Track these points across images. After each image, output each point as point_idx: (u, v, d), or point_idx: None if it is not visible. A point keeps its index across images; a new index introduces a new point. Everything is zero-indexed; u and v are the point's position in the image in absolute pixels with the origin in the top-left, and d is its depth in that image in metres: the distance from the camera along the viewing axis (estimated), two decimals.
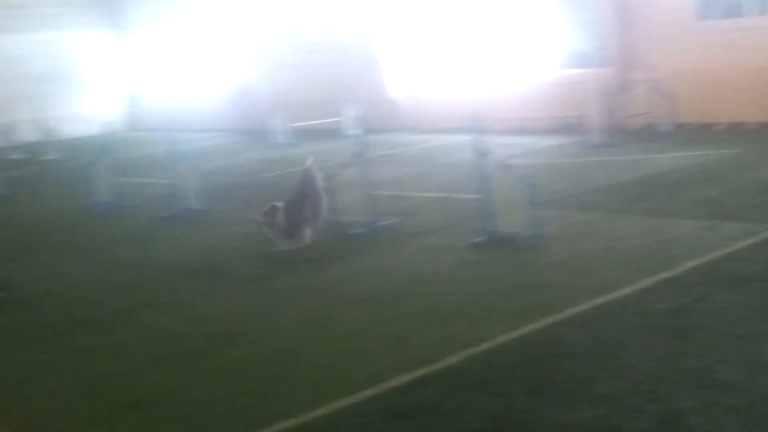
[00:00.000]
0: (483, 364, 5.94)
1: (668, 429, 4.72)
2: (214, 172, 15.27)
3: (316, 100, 21.67)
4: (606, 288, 7.23)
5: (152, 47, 27.87)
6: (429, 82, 21.24)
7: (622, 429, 4.74)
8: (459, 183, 12.43)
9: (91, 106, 26.91)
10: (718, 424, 4.69)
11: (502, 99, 18.81)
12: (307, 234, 9.82)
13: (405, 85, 21.56)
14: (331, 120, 20.05)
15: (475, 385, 5.56)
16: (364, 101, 19.73)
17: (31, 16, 26.66)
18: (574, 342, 6.14)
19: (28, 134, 22.93)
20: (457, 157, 15.00)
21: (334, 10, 22.59)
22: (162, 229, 11.61)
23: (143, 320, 7.66)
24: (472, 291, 7.65)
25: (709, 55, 16.71)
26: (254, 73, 24.83)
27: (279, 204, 9.78)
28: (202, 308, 7.91)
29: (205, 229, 11.38)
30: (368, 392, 5.61)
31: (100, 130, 13.72)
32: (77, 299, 8.57)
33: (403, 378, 5.78)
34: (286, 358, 6.43)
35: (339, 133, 18.95)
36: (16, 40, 26.33)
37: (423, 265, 8.67)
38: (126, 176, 15.53)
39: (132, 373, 6.38)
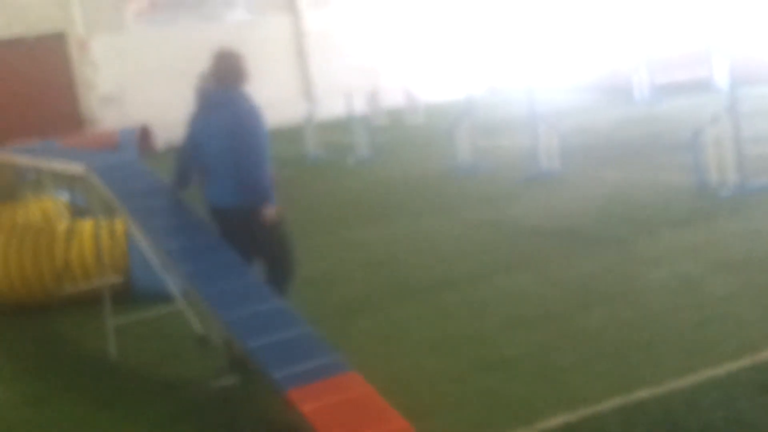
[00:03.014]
0: None
1: None
2: (572, 132, 15.02)
3: (681, 51, 20.57)
4: None
5: (514, 8, 27.96)
6: None
7: None
8: None
9: (453, 70, 27.61)
10: None
11: None
12: None
13: None
14: (698, 73, 18.99)
15: None
16: (736, 50, 18.48)
17: None
18: None
19: (393, 99, 23.90)
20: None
21: None
22: (520, 191, 11.61)
23: (501, 281, 7.67)
24: None
25: None
26: (615, 26, 24.09)
27: None
28: (560, 270, 7.77)
29: (564, 190, 11.21)
30: (737, 364, 5.22)
31: (461, 94, 13.92)
32: (438, 259, 8.75)
33: None
34: (647, 324, 6.14)
35: (709, 86, 17.92)
36: (384, 8, 27.60)
37: None
38: (486, 138, 15.74)
39: (489, 334, 6.39)
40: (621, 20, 23.84)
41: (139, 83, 24.58)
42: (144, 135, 22.93)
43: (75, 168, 7.02)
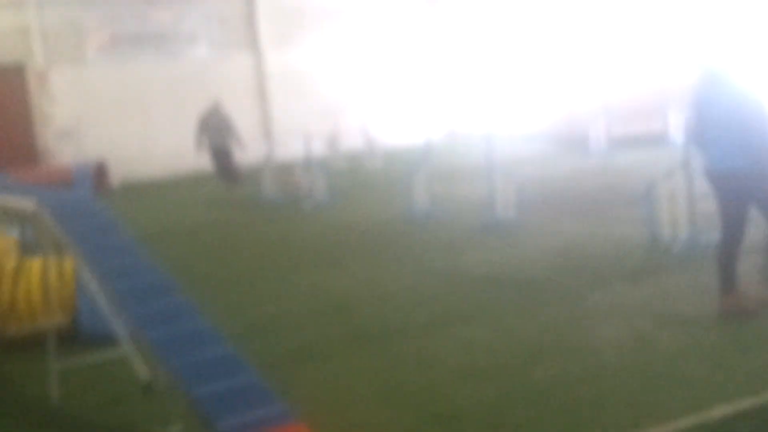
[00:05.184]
0: None
1: None
2: (529, 181, 15.12)
3: (637, 104, 20.88)
4: None
5: (474, 54, 28.28)
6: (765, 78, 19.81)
7: None
8: None
9: (413, 116, 27.78)
10: None
11: None
12: None
13: None
14: (654, 127, 19.28)
15: None
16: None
17: (362, 27, 27.99)
18: None
19: (352, 142, 23.95)
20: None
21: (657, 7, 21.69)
22: (476, 239, 11.63)
23: (454, 331, 7.64)
24: None
25: None
26: (573, 78, 24.45)
27: None
28: (513, 322, 7.76)
29: (519, 240, 11.25)
30: (684, 422, 5.24)
31: (420, 139, 14.01)
32: (392, 307, 8.71)
33: (725, 409, 5.33)
34: (598, 379, 6.13)
35: (664, 140, 18.19)
36: (347, 50, 27.78)
37: (750, 286, 7.98)
38: (444, 184, 15.80)
39: (441, 385, 6.35)
40: (579, 71, 24.17)
41: (97, 118, 24.41)
42: (100, 171, 22.72)
43: (25, 204, 6.89)
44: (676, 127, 17.21)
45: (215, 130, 20.00)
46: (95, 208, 6.83)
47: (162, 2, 25.79)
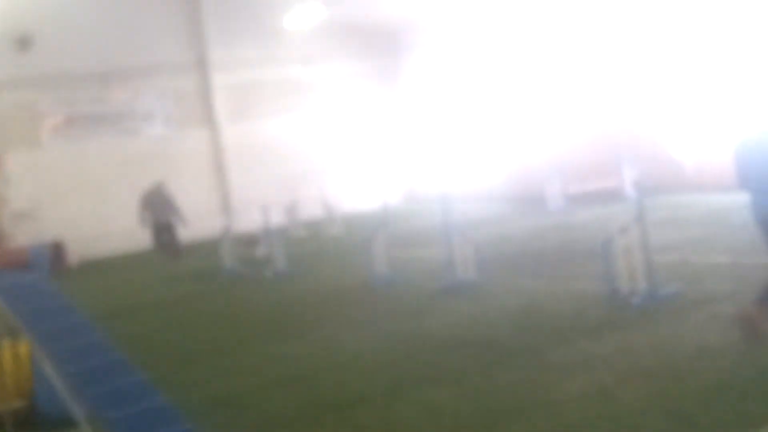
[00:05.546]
0: None
1: None
2: (488, 242, 15.21)
3: (591, 161, 21.17)
4: None
5: (428, 118, 28.61)
6: (712, 136, 20.17)
7: None
8: (749, 246, 11.57)
9: (370, 181, 27.94)
10: None
11: None
12: None
13: (686, 141, 20.58)
14: (608, 183, 19.50)
15: None
16: (644, 161, 19.12)
17: (317, 96, 28.30)
18: None
19: (311, 210, 24.01)
20: (747, 217, 14.06)
21: (610, 66, 22.12)
22: (436, 302, 11.63)
23: (417, 395, 7.59)
24: (766, 365, 6.97)
25: None
26: (528, 139, 24.80)
27: None
28: (476, 383, 7.72)
29: (480, 300, 11.26)
30: None
31: (378, 204, 14.07)
32: (355, 374, 8.65)
33: None
34: None
35: (618, 196, 18.40)
36: (303, 120, 28.04)
37: (709, 336, 8.05)
38: (403, 249, 15.83)
39: None
40: (533, 130, 24.50)
41: (53, 199, 24.30)
42: (57, 251, 22.57)
43: None
44: (630, 182, 17.41)
45: (158, 206, 20.87)
46: (47, 289, 6.77)
47: (117, 82, 25.91)
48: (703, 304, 9.29)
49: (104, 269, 22.23)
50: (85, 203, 24.95)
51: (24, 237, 23.62)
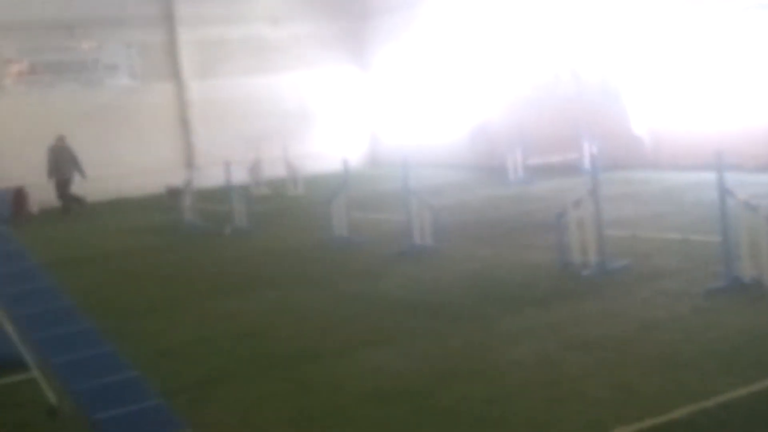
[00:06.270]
0: (714, 420, 5.51)
1: None
2: (447, 209, 15.31)
3: (553, 135, 21.34)
4: None
5: (393, 84, 28.61)
6: (672, 115, 20.38)
7: None
8: (700, 224, 11.80)
9: (334, 143, 27.92)
10: None
11: (751, 133, 17.76)
12: None
13: (647, 119, 20.79)
14: (568, 156, 19.66)
15: None
16: (604, 137, 19.30)
17: (284, 57, 28.15)
18: None
19: (274, 170, 23.98)
20: (699, 196, 14.32)
21: (574, 43, 22.22)
22: (392, 265, 11.73)
23: (364, 355, 7.69)
24: (707, 340, 7.15)
25: None
26: (491, 109, 24.89)
27: None
28: (424, 346, 7.85)
29: (434, 265, 11.37)
30: None
31: (341, 166, 14.11)
32: (304, 332, 8.74)
33: (625, 430, 5.46)
34: (502, 400, 6.23)
35: (577, 170, 18.58)
36: (270, 80, 27.90)
37: (655, 311, 8.22)
38: (362, 211, 15.90)
39: (347, 409, 6.39)
40: (499, 100, 24.58)
41: (15, 145, 24.02)
42: (18, 197, 22.43)
43: None
44: (590, 157, 17.58)
45: (61, 161, 22.44)
46: (1, 233, 6.76)
47: (83, 32, 25.59)
48: (651, 279, 9.46)
49: (66, 217, 22.13)
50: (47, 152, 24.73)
51: None
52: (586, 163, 18.22)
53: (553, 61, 22.85)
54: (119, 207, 23.31)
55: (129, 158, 25.84)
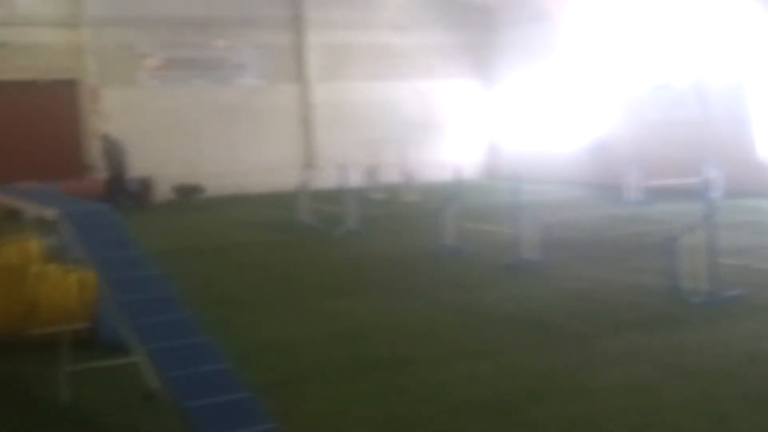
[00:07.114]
0: None
1: None
2: (558, 225, 15.15)
3: (676, 158, 20.85)
4: None
5: (515, 97, 28.44)
6: None
7: None
8: None
9: (452, 153, 27.90)
10: None
11: None
12: None
13: None
14: (689, 180, 19.17)
15: None
16: (729, 162, 18.77)
17: (408, 65, 28.34)
18: None
19: (391, 176, 24.16)
20: None
21: (701, 64, 21.67)
22: (497, 277, 11.68)
23: (461, 366, 7.68)
24: None
25: None
26: (614, 127, 24.50)
27: None
28: (521, 361, 7.79)
29: (539, 281, 11.27)
30: None
31: (457, 176, 14.13)
32: (404, 338, 8.78)
33: None
34: (592, 423, 6.14)
35: (698, 195, 18.08)
36: (393, 87, 28.13)
37: (763, 344, 7.96)
38: (474, 222, 15.86)
39: (437, 418, 6.39)
40: (621, 121, 24.16)
41: (144, 137, 24.82)
42: (145, 186, 23.29)
43: (48, 212, 7.10)
44: (712, 182, 17.09)
45: (113, 157, 23.21)
46: (114, 220, 7.01)
47: (215, 31, 26.29)
48: (762, 311, 9.16)
49: (187, 208, 22.81)
50: (174, 145, 25.51)
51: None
52: (706, 188, 17.71)
53: (678, 82, 22.33)
54: (238, 202, 23.86)
55: (251, 156, 26.43)
